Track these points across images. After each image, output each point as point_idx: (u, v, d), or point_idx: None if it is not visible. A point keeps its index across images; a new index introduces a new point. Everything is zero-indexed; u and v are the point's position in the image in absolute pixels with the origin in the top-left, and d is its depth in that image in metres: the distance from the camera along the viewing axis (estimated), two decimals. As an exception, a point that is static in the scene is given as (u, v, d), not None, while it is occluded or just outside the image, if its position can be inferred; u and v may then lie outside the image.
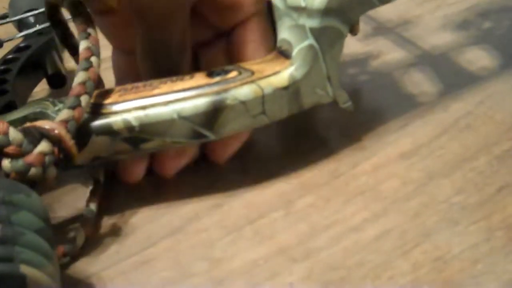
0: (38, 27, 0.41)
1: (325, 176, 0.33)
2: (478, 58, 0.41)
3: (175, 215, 0.31)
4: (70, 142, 0.27)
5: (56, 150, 0.26)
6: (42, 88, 0.41)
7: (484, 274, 0.27)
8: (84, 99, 0.28)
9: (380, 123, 0.36)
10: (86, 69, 0.29)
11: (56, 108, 0.29)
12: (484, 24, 0.45)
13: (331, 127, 0.36)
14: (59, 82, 0.38)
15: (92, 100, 0.29)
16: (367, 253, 0.28)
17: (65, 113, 0.27)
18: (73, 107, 0.28)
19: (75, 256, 0.29)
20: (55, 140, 0.26)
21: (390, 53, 0.43)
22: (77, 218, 0.31)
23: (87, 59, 0.29)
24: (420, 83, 0.39)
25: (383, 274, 0.27)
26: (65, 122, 0.27)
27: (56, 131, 0.26)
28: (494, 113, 0.36)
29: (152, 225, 0.31)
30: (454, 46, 0.43)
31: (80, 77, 0.29)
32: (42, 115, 0.29)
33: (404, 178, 0.32)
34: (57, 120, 0.27)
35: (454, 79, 0.39)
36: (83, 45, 0.30)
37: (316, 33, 0.30)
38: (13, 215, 0.22)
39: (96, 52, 0.30)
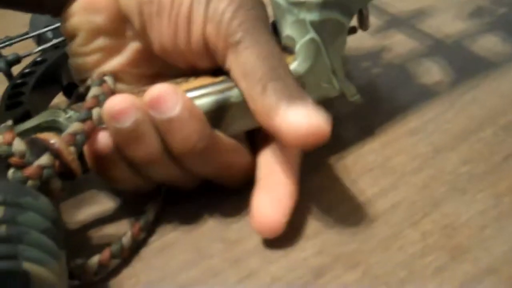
0: (54, 41, 0.43)
1: (333, 156, 0.34)
2: (491, 45, 0.41)
3: (193, 204, 0.32)
4: (69, 156, 0.27)
5: (57, 163, 0.27)
6: (61, 99, 0.43)
7: (492, 238, 0.27)
8: (96, 112, 0.28)
9: (389, 105, 0.37)
10: (100, 84, 0.30)
11: (67, 115, 0.30)
12: (497, 11, 0.46)
13: (338, 111, 0.37)
14: (73, 91, 0.40)
15: None
16: (376, 226, 0.29)
17: (74, 126, 0.28)
18: (83, 120, 0.28)
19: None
20: (56, 155, 0.26)
21: (403, 45, 0.44)
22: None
23: (101, 78, 0.30)
24: (432, 72, 0.40)
25: (393, 244, 0.28)
26: (72, 135, 0.27)
27: (56, 145, 0.27)
28: (498, 84, 0.37)
29: (169, 214, 0.32)
30: (467, 34, 0.43)
31: (93, 91, 0.29)
32: (54, 123, 0.30)
33: (412, 153, 0.33)
34: (66, 133, 0.27)
35: (466, 67, 0.40)
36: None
37: (317, 26, 0.30)
38: (19, 216, 0.23)
39: (110, 75, 0.31)
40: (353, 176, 0.32)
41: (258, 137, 0.32)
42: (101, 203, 0.34)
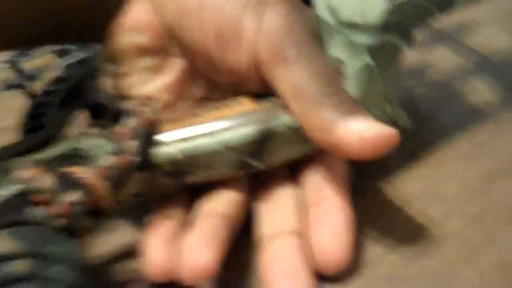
0: (79, 55, 0.41)
1: (378, 181, 0.31)
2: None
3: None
4: (103, 193, 0.25)
5: (88, 200, 0.24)
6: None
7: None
8: (132, 145, 0.26)
9: (435, 126, 0.34)
10: (138, 116, 0.28)
11: (94, 143, 0.28)
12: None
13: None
14: (100, 112, 0.38)
15: None
16: (428, 260, 0.26)
17: (108, 160, 0.26)
18: (118, 154, 0.26)
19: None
20: (88, 191, 0.24)
21: (447, 62, 0.41)
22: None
23: (139, 109, 0.28)
24: (480, 91, 0.37)
25: (448, 283, 0.25)
26: (106, 169, 0.25)
27: (88, 180, 0.24)
28: (556, 105, 0.34)
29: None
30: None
31: (130, 122, 0.27)
32: (80, 151, 0.28)
33: (463, 180, 0.30)
34: (99, 167, 0.25)
35: None
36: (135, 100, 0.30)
37: (373, 50, 0.28)
38: (48, 270, 0.21)
39: (149, 104, 0.29)
40: (400, 203, 0.29)
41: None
42: (123, 234, 0.31)
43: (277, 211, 0.28)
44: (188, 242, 0.26)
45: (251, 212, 0.29)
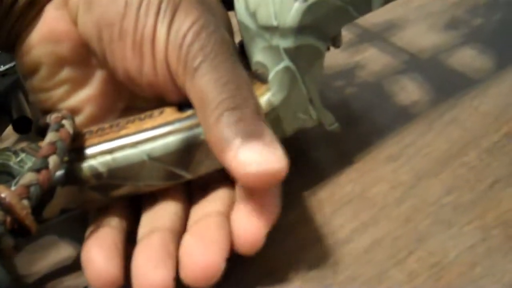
0: (2, 68, 0.40)
1: (308, 187, 0.31)
2: (468, 59, 0.39)
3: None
4: (22, 212, 0.23)
5: (8, 219, 0.23)
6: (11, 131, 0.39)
7: (484, 277, 0.25)
8: (52, 161, 0.25)
9: (364, 128, 0.35)
10: (57, 129, 0.27)
11: (18, 158, 0.27)
12: (473, 21, 0.44)
13: (311, 136, 0.35)
14: (25, 127, 0.37)
15: None
16: (359, 266, 0.27)
17: (27, 177, 0.24)
18: (38, 170, 0.25)
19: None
20: (6, 210, 0.23)
21: (377, 61, 0.41)
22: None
23: (59, 122, 0.27)
24: (409, 91, 0.38)
25: (378, 286, 0.26)
26: (26, 187, 0.24)
27: (7, 200, 0.23)
28: (479, 103, 0.35)
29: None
30: (443, 47, 0.41)
31: (50, 137, 0.26)
32: (3, 167, 0.27)
33: (392, 181, 0.31)
34: (19, 184, 0.24)
35: (444, 84, 0.38)
36: (55, 113, 0.28)
37: (292, 53, 0.28)
38: None
39: (69, 117, 0.28)
40: (331, 209, 0.30)
41: None
42: (61, 251, 0.31)
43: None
44: (138, 259, 0.25)
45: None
